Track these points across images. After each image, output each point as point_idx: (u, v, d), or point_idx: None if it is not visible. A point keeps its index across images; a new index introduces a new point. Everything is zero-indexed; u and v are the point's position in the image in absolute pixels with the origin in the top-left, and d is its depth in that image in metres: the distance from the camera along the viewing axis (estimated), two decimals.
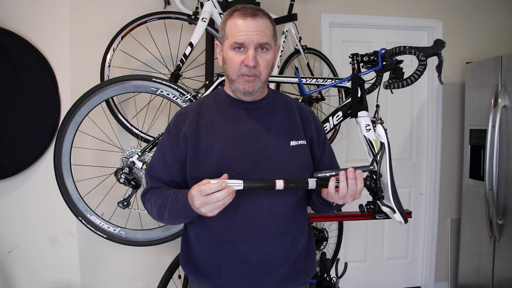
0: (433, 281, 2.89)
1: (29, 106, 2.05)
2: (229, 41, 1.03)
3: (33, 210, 2.15)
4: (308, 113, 1.20)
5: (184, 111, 1.15)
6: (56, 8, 2.11)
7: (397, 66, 1.52)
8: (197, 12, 1.98)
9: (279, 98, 1.19)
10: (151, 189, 1.12)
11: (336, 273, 1.84)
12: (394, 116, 2.78)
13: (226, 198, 0.91)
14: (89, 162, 2.05)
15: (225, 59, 1.07)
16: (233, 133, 1.08)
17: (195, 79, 2.13)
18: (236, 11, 1.04)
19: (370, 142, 1.62)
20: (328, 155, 1.22)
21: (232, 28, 1.03)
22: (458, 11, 2.79)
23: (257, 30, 1.01)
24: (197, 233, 1.12)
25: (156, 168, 1.12)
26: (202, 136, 1.08)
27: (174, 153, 1.09)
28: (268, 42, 1.03)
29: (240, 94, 1.09)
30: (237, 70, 1.04)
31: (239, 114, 1.11)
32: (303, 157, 1.11)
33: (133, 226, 1.77)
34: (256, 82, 1.05)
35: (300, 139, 1.12)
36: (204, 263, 1.10)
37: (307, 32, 2.49)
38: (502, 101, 2.26)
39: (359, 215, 1.74)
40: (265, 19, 1.04)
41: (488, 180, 2.31)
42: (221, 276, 1.08)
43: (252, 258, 1.05)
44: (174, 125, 1.12)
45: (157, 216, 1.09)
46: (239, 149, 1.06)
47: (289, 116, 1.15)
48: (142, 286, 2.27)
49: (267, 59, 1.05)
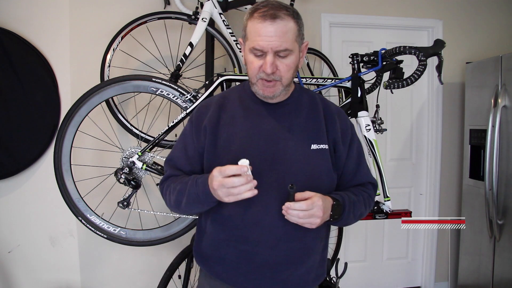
0: (433, 281, 2.89)
1: (29, 106, 2.05)
2: (249, 44, 1.01)
3: (33, 210, 2.15)
4: (334, 113, 1.14)
5: (207, 103, 1.14)
6: (56, 8, 2.11)
7: (397, 66, 1.52)
8: (197, 12, 1.98)
9: (306, 96, 1.14)
10: (171, 176, 1.11)
11: (336, 273, 1.84)
12: (394, 116, 2.78)
13: (242, 187, 0.90)
14: (89, 162, 2.04)
15: (246, 60, 1.05)
16: (253, 130, 1.06)
17: (195, 79, 2.13)
18: (256, 11, 0.99)
19: (370, 142, 1.62)
20: (355, 159, 1.15)
21: (251, 30, 0.99)
22: (458, 11, 2.78)
23: (276, 36, 0.96)
24: (209, 225, 1.11)
25: (177, 158, 1.12)
26: (221, 130, 1.07)
27: (195, 145, 1.09)
28: (288, 47, 0.98)
29: (261, 97, 1.07)
30: (256, 74, 1.02)
31: (261, 111, 1.09)
32: (323, 162, 1.07)
33: (133, 226, 1.77)
34: (276, 86, 1.03)
35: (322, 142, 1.08)
36: (212, 256, 1.11)
37: (307, 32, 2.45)
38: (502, 101, 2.26)
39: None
40: (286, 21, 0.97)
41: (488, 180, 2.31)
42: (225, 271, 1.09)
43: (257, 259, 1.05)
44: (196, 117, 1.12)
45: (175, 203, 1.07)
46: (257, 147, 1.05)
47: (313, 116, 1.11)
48: (142, 286, 2.26)
49: (288, 64, 1.00)
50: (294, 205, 0.94)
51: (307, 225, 0.97)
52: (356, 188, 1.15)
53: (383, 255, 2.90)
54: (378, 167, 1.63)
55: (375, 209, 1.66)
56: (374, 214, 1.66)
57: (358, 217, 1.12)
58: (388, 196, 1.65)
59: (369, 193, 1.17)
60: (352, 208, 1.06)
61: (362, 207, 1.11)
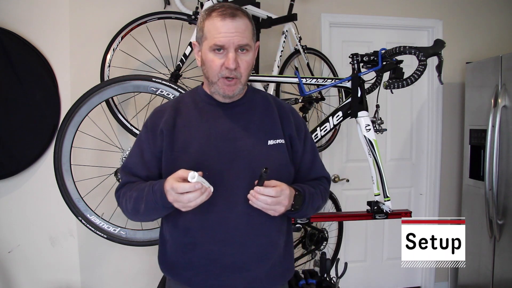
0: (433, 281, 2.89)
1: (29, 106, 2.05)
2: (208, 43, 1.01)
3: (33, 210, 2.15)
4: (288, 110, 1.18)
5: (162, 108, 1.15)
6: (56, 8, 2.11)
7: (397, 66, 1.52)
8: (197, 12, 1.98)
9: (258, 96, 1.17)
10: (127, 183, 1.10)
11: (336, 273, 1.84)
12: (394, 116, 2.78)
13: (198, 199, 0.91)
14: (89, 162, 2.04)
15: (204, 60, 1.05)
16: (209, 132, 1.07)
17: (195, 79, 2.13)
18: (214, 11, 1.01)
19: (370, 142, 1.62)
20: (310, 153, 1.19)
21: (211, 29, 1.00)
22: (458, 11, 2.78)
23: (236, 32, 0.99)
24: (171, 231, 1.11)
25: (133, 163, 1.11)
26: (178, 133, 1.07)
27: (151, 149, 1.08)
28: (248, 43, 1.01)
29: (220, 97, 1.08)
30: (217, 73, 1.02)
31: (216, 112, 1.10)
32: (280, 156, 1.09)
33: (133, 226, 1.77)
34: (236, 85, 1.04)
35: (278, 138, 1.10)
36: (178, 262, 1.10)
37: (307, 32, 2.48)
38: (502, 101, 2.26)
39: (359, 215, 1.74)
40: (244, 19, 1.02)
41: (488, 180, 2.31)
42: (194, 275, 1.07)
43: (225, 259, 1.05)
44: (151, 121, 1.12)
45: (132, 211, 1.05)
46: (215, 148, 1.05)
47: (267, 114, 1.13)
48: (142, 286, 2.26)
49: (248, 60, 1.03)
50: (264, 190, 0.95)
51: (270, 212, 0.99)
52: (312, 181, 1.18)
53: (383, 255, 2.90)
54: (378, 167, 1.63)
55: (375, 209, 1.66)
56: (374, 214, 1.66)
57: (316, 209, 1.15)
58: (388, 196, 1.65)
59: (325, 186, 1.21)
60: (311, 200, 1.09)
61: (319, 199, 1.15)
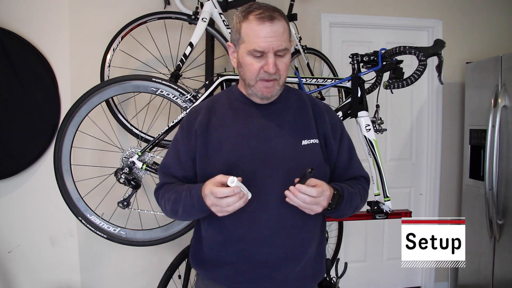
0: (433, 281, 2.89)
1: (29, 106, 2.05)
2: (247, 47, 1.00)
3: (33, 210, 2.15)
4: (323, 109, 1.16)
5: (197, 108, 1.16)
6: (56, 8, 2.10)
7: (397, 66, 1.52)
8: (197, 12, 1.98)
9: (293, 95, 1.16)
10: (165, 184, 1.12)
11: (336, 273, 1.84)
12: (394, 116, 2.78)
13: (236, 204, 0.92)
14: (89, 162, 2.04)
15: (242, 63, 1.04)
16: (243, 131, 1.07)
17: (195, 79, 2.13)
18: (251, 13, 1.00)
19: (370, 142, 1.62)
20: (347, 153, 1.17)
21: (249, 32, 0.99)
22: (458, 11, 2.78)
23: (276, 36, 0.98)
24: (207, 229, 1.12)
25: (170, 164, 1.12)
26: (212, 133, 1.08)
27: (186, 150, 1.10)
28: (287, 46, 1.01)
29: (257, 98, 1.08)
30: (255, 76, 1.02)
31: (251, 112, 1.10)
32: (314, 156, 1.08)
33: (133, 226, 1.77)
34: (275, 86, 1.04)
35: (312, 137, 1.09)
36: (211, 259, 1.11)
37: (307, 32, 2.48)
38: (502, 101, 2.26)
39: (359, 215, 1.73)
40: (282, 21, 1.00)
41: (488, 180, 2.31)
42: (225, 272, 1.09)
43: (255, 258, 1.06)
44: (186, 122, 1.13)
45: (171, 212, 1.09)
46: (248, 147, 1.05)
47: (302, 113, 1.12)
48: (142, 286, 2.26)
49: (286, 62, 1.03)
50: (305, 189, 0.94)
51: (306, 211, 0.98)
52: (350, 181, 1.16)
53: (383, 255, 2.90)
54: (378, 167, 1.63)
55: (375, 209, 1.66)
56: (374, 214, 1.66)
57: (354, 209, 1.13)
58: (388, 196, 1.65)
59: (364, 186, 1.18)
60: (349, 199, 1.07)
61: (358, 199, 1.12)
